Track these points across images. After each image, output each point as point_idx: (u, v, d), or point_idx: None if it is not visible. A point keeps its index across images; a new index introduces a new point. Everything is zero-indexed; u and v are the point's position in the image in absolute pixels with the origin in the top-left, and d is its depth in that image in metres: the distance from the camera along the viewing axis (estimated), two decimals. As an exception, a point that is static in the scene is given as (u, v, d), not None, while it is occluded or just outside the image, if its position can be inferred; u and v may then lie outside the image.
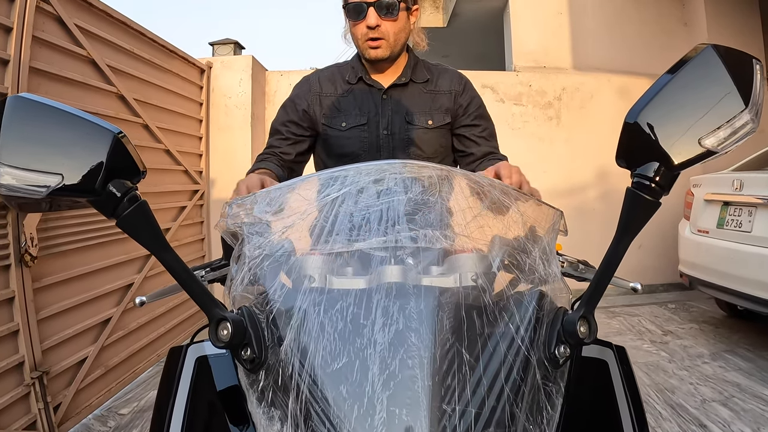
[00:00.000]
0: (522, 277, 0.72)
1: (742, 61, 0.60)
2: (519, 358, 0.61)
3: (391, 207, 0.71)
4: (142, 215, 0.60)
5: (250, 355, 0.63)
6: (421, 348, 0.57)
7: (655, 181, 0.60)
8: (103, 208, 0.58)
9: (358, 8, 1.46)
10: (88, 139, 0.56)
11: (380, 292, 0.62)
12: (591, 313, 0.66)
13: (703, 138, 0.58)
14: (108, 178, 0.57)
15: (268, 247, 0.71)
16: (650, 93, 0.59)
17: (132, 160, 0.59)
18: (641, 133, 0.59)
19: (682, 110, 0.58)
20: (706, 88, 0.58)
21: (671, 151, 0.58)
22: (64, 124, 0.56)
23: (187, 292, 0.64)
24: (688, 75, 0.58)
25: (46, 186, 0.55)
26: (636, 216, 0.62)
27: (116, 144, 0.57)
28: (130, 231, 0.59)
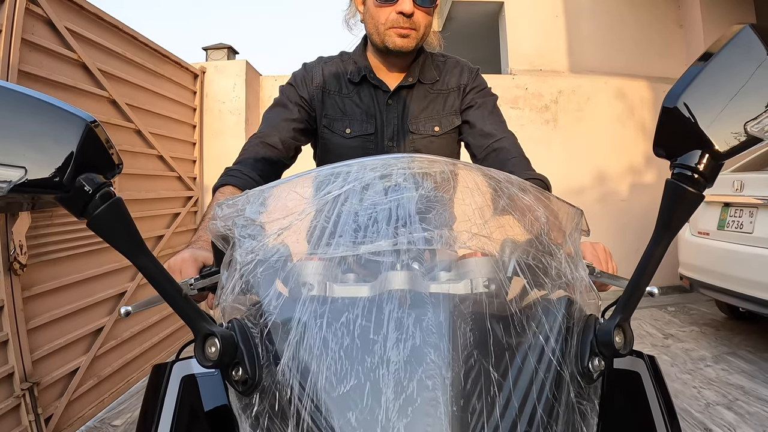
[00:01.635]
0: (548, 282, 0.65)
1: None
2: (551, 374, 0.54)
3: (401, 205, 0.63)
4: (117, 214, 0.52)
5: (242, 376, 0.56)
6: (442, 367, 0.50)
7: (698, 171, 0.53)
8: (71, 205, 0.51)
9: None
10: (56, 128, 0.49)
11: (392, 302, 0.55)
12: (627, 321, 0.60)
13: (749, 123, 0.52)
14: (78, 172, 0.49)
15: (261, 251, 0.64)
16: (689, 76, 0.54)
17: (106, 152, 0.52)
18: (682, 119, 0.52)
19: (724, 93, 0.52)
20: (748, 70, 0.52)
21: (715, 137, 0.52)
22: (28, 111, 0.49)
23: (168, 303, 0.56)
24: (727, 56, 0.53)
25: (7, 181, 0.48)
26: (678, 210, 0.55)
27: (88, 133, 0.50)
28: (102, 232, 0.52)
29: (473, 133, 1.45)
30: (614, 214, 5.60)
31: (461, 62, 1.55)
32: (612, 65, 5.99)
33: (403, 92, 1.47)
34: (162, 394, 0.70)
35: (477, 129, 1.45)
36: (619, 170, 5.70)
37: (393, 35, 1.34)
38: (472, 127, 1.46)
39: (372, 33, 1.40)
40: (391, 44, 1.35)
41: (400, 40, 1.34)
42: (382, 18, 1.34)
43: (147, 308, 0.75)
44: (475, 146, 1.45)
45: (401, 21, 1.32)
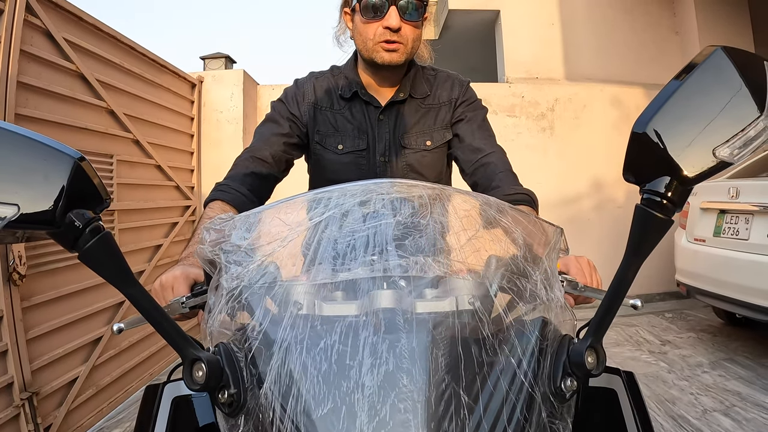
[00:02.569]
0: (523, 304, 0.66)
1: (753, 63, 0.56)
2: (522, 396, 0.56)
3: (379, 232, 0.65)
4: (106, 248, 0.54)
5: (227, 398, 0.58)
6: (414, 391, 0.52)
7: (667, 197, 0.54)
8: (63, 240, 0.53)
9: (378, 5, 1.30)
10: (45, 164, 0.51)
11: (368, 328, 0.57)
12: (599, 341, 0.61)
13: (717, 148, 0.53)
14: (68, 208, 0.52)
15: (246, 277, 0.65)
16: (659, 100, 0.54)
17: (94, 188, 0.54)
18: (651, 145, 0.53)
19: (694, 118, 0.53)
20: (718, 94, 0.54)
21: (683, 163, 0.53)
22: (17, 149, 0.50)
23: (157, 330, 0.59)
24: (698, 80, 0.54)
25: (1, 217, 0.50)
26: (647, 235, 0.56)
27: (77, 170, 0.52)
28: (92, 265, 0.54)
29: (462, 147, 1.46)
30: (611, 221, 5.62)
31: (452, 76, 1.56)
32: (608, 72, 6.02)
33: (394, 107, 1.47)
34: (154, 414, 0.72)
35: (466, 143, 1.46)
36: (616, 177, 5.70)
37: (381, 50, 1.34)
38: (461, 141, 1.47)
39: (361, 49, 1.40)
40: (379, 59, 1.35)
41: (388, 54, 1.34)
42: (369, 34, 1.34)
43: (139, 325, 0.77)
44: (463, 161, 1.46)
45: (388, 35, 1.31)
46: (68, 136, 2.84)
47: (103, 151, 3.18)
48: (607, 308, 0.61)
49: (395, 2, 1.29)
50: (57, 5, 2.81)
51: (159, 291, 0.90)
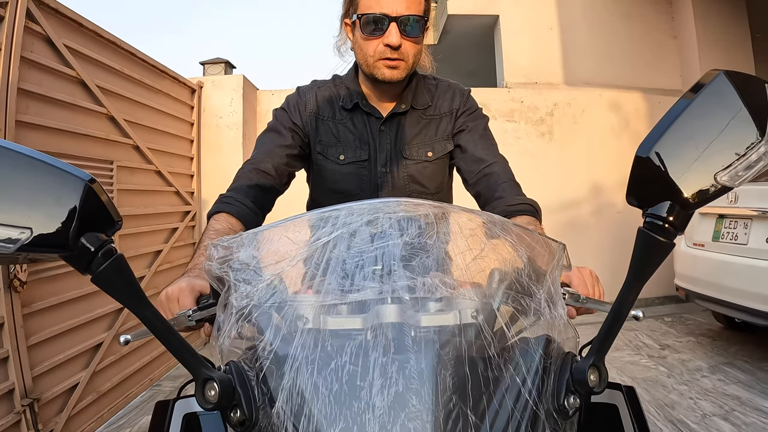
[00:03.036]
0: (527, 322, 0.68)
1: (754, 86, 0.56)
2: (527, 414, 0.57)
3: (386, 252, 0.66)
4: (119, 270, 0.54)
5: (239, 417, 0.59)
6: (423, 411, 0.53)
7: (668, 220, 0.56)
8: (76, 263, 0.53)
9: (378, 22, 1.28)
10: (57, 188, 0.50)
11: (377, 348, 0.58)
12: (602, 360, 0.63)
13: (718, 173, 0.54)
14: (81, 231, 0.52)
15: (256, 296, 0.66)
16: (662, 126, 0.55)
17: (106, 210, 0.54)
18: (653, 169, 0.54)
19: (696, 144, 0.54)
20: (720, 119, 0.54)
21: (685, 187, 0.54)
22: (29, 171, 0.50)
23: (168, 350, 0.59)
24: (700, 105, 0.55)
25: (15, 240, 0.50)
26: (650, 258, 0.57)
27: (88, 192, 0.52)
28: (105, 287, 0.54)
29: (465, 158, 1.46)
30: (610, 225, 5.63)
31: (453, 86, 1.55)
32: (606, 77, 6.05)
33: (395, 118, 1.47)
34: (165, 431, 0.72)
35: (468, 154, 1.46)
36: (615, 182, 5.72)
37: (382, 67, 1.33)
38: (463, 152, 1.47)
39: (362, 63, 1.39)
40: (380, 76, 1.35)
41: (389, 71, 1.34)
42: (370, 50, 1.33)
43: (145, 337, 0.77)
44: (466, 171, 1.46)
45: (389, 53, 1.31)
46: (69, 143, 2.85)
47: (104, 157, 3.19)
48: (610, 327, 0.62)
49: (395, 19, 1.28)
50: (57, 12, 2.81)
51: (165, 303, 0.89)
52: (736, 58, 6.01)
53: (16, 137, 2.42)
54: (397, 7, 1.27)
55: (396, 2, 1.27)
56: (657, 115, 5.86)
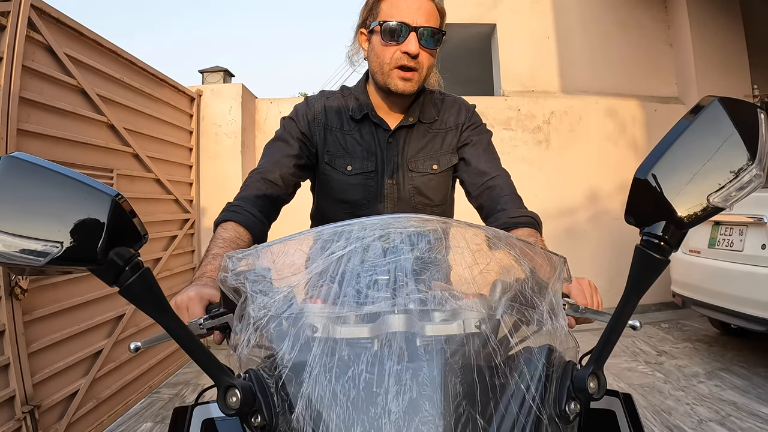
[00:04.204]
0: (530, 332, 0.71)
1: (746, 111, 0.60)
2: (531, 419, 0.60)
3: (399, 266, 0.69)
4: (146, 283, 0.57)
5: (260, 422, 0.61)
6: (435, 416, 0.56)
7: (664, 239, 0.59)
8: (104, 276, 0.55)
9: (398, 29, 1.32)
10: (86, 203, 0.52)
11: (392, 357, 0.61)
12: (600, 368, 0.66)
13: (711, 195, 0.58)
14: (109, 246, 0.54)
15: (273, 307, 0.69)
16: (659, 150, 0.59)
17: (132, 225, 0.56)
18: (650, 190, 0.58)
19: (691, 167, 0.58)
20: (714, 144, 0.58)
21: (680, 208, 0.58)
22: (59, 187, 0.52)
23: (192, 359, 0.62)
24: (695, 131, 0.58)
25: (45, 254, 0.52)
26: (646, 274, 0.61)
27: (115, 208, 0.54)
28: (133, 299, 0.57)
29: (468, 171, 1.49)
30: (607, 232, 5.66)
31: (458, 101, 1.59)
32: (603, 85, 6.09)
33: (403, 131, 1.49)
34: None
35: (472, 167, 1.48)
36: (612, 189, 5.76)
37: (396, 77, 1.37)
38: (467, 165, 1.50)
39: (376, 72, 1.42)
40: (393, 86, 1.38)
41: (402, 83, 1.37)
42: (387, 57, 1.36)
43: (156, 344, 0.80)
44: (469, 183, 1.49)
45: (406, 60, 1.34)
46: (69, 151, 2.86)
47: (104, 165, 3.20)
48: (608, 338, 0.66)
49: (415, 29, 1.32)
50: (58, 21, 2.83)
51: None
52: (732, 66, 6.06)
53: (18, 146, 2.44)
54: (417, 18, 1.32)
55: (416, 13, 1.32)
56: (653, 123, 5.91)
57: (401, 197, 1.49)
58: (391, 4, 1.35)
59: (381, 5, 1.37)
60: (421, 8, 1.33)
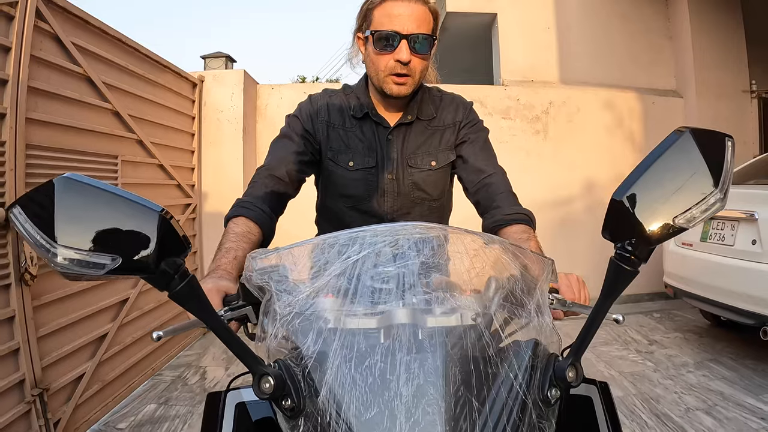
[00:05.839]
0: (518, 328, 0.80)
1: (715, 140, 0.67)
2: (518, 402, 0.69)
3: (407, 271, 0.79)
4: (192, 288, 0.65)
5: (290, 405, 0.70)
6: (438, 399, 0.65)
7: (634, 254, 0.68)
8: (156, 283, 0.62)
9: (391, 38, 1.37)
10: (137, 219, 0.60)
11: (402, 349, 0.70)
12: (578, 360, 0.75)
13: (677, 217, 0.65)
14: (160, 257, 0.61)
15: (297, 305, 0.77)
16: (634, 175, 0.66)
17: (178, 236, 0.62)
18: (624, 211, 0.65)
19: (661, 191, 0.65)
20: (683, 171, 0.65)
21: (649, 227, 0.65)
22: (111, 205, 0.58)
23: (230, 350, 0.69)
24: (667, 159, 0.65)
25: (104, 265, 0.58)
26: (617, 282, 0.70)
27: (162, 222, 0.61)
28: (181, 302, 0.64)
29: (466, 168, 1.56)
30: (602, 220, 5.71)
31: (456, 98, 1.64)
32: (602, 77, 6.12)
33: (402, 128, 1.55)
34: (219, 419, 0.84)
35: (470, 164, 1.55)
36: (607, 179, 5.82)
37: (390, 82, 1.43)
38: (465, 162, 1.56)
39: (372, 77, 1.48)
40: (388, 90, 1.44)
41: (396, 87, 1.43)
42: (381, 65, 1.42)
43: (176, 334, 0.87)
44: (467, 180, 1.56)
45: (398, 68, 1.39)
46: (75, 139, 2.91)
47: (109, 152, 3.25)
48: (585, 335, 0.75)
49: (406, 37, 1.36)
50: (65, 10, 2.86)
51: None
52: (731, 59, 6.10)
53: (27, 135, 2.49)
54: (407, 26, 1.36)
55: (407, 21, 1.36)
56: (650, 115, 5.97)
57: (401, 192, 1.55)
58: (383, 12, 1.39)
59: (374, 13, 1.41)
60: (412, 15, 1.37)
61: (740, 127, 6.06)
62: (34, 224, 0.58)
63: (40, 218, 0.58)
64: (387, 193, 1.55)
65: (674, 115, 6.08)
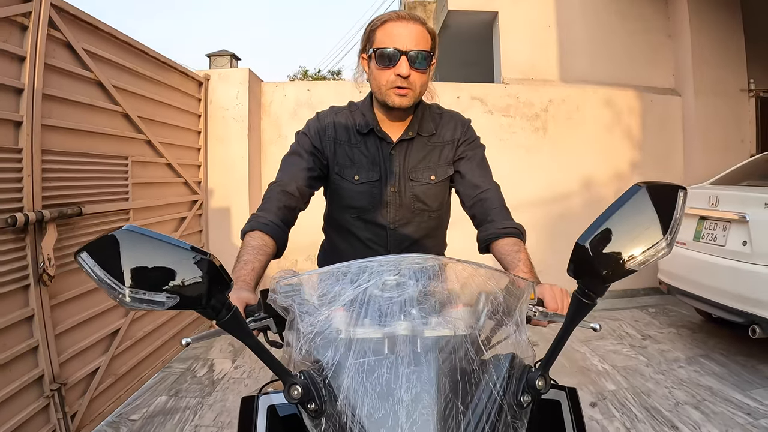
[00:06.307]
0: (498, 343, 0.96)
1: (668, 193, 0.78)
2: (496, 405, 0.83)
3: (408, 297, 0.94)
4: (237, 318, 0.80)
5: (314, 407, 0.83)
6: (431, 403, 0.79)
7: (592, 290, 0.81)
8: (207, 315, 0.77)
9: (391, 55, 1.49)
10: (189, 263, 0.71)
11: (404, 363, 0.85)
12: (547, 371, 0.89)
13: (628, 262, 0.77)
14: (210, 294, 0.74)
15: (318, 325, 0.93)
16: (596, 224, 0.77)
17: (222, 276, 0.75)
18: (585, 254, 0.77)
19: (616, 239, 0.76)
20: (636, 223, 0.76)
21: (604, 270, 0.77)
22: (168, 252, 0.71)
23: (266, 365, 0.84)
24: (624, 211, 0.76)
25: (164, 302, 0.71)
26: (578, 313, 0.84)
27: (210, 265, 0.73)
28: (227, 330, 0.80)
29: (463, 183, 1.68)
30: (600, 217, 5.80)
31: (455, 116, 1.76)
32: (601, 75, 6.19)
33: (404, 144, 1.66)
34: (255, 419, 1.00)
35: (467, 180, 1.67)
36: (605, 176, 5.92)
37: (392, 95, 1.54)
38: (462, 177, 1.68)
39: (375, 91, 1.60)
40: (390, 102, 1.55)
41: (398, 98, 1.54)
42: (383, 80, 1.53)
43: (203, 341, 1.01)
44: (464, 194, 1.68)
45: (399, 81, 1.51)
46: (87, 142, 3.02)
47: (119, 153, 3.35)
48: (553, 350, 0.89)
49: (406, 53, 1.48)
50: (76, 17, 2.94)
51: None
52: (730, 57, 6.15)
53: (42, 141, 2.58)
54: (407, 44, 1.49)
55: (406, 39, 1.49)
56: (649, 113, 6.04)
57: (402, 203, 1.66)
58: (385, 32, 1.52)
59: (376, 33, 1.54)
60: (411, 34, 1.49)
61: (737, 125, 6.13)
62: (102, 268, 0.69)
63: (106, 264, 0.69)
64: (390, 205, 1.66)
65: (672, 113, 6.15)
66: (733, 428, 2.92)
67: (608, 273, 0.78)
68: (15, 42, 2.48)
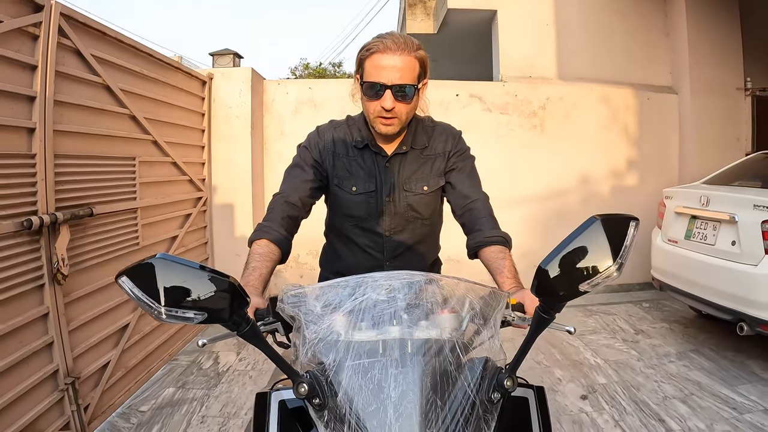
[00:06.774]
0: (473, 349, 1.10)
1: (620, 224, 0.91)
2: (470, 402, 0.96)
3: (398, 308, 1.07)
4: (255, 331, 0.94)
5: (318, 402, 0.97)
6: (415, 400, 0.92)
7: (551, 307, 0.96)
8: (230, 328, 0.92)
9: (375, 88, 1.56)
10: (214, 285, 0.85)
11: (393, 366, 0.98)
12: (515, 373, 1.02)
13: (581, 284, 0.90)
14: (232, 310, 0.88)
15: (321, 332, 1.06)
16: (557, 250, 0.90)
17: (241, 295, 0.88)
18: (546, 277, 0.90)
19: (572, 264, 0.89)
20: (590, 250, 0.89)
21: (562, 290, 0.91)
22: (195, 275, 0.84)
23: (278, 368, 0.99)
24: (580, 240, 0.89)
25: (194, 318, 0.85)
26: (538, 326, 1.00)
27: (230, 286, 0.86)
28: (247, 340, 0.94)
29: (454, 193, 1.79)
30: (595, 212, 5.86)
31: (447, 129, 1.85)
32: (599, 73, 6.26)
33: (398, 157, 1.76)
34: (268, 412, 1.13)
35: (457, 190, 1.78)
36: (602, 173, 6.02)
37: (379, 123, 1.63)
38: (453, 188, 1.79)
39: (366, 116, 1.71)
40: (378, 129, 1.66)
41: (384, 127, 1.64)
42: (370, 109, 1.63)
43: (218, 341, 1.15)
44: (454, 204, 1.79)
45: (384, 113, 1.59)
46: (96, 144, 3.12)
47: (127, 154, 3.46)
48: (519, 356, 1.04)
49: (390, 87, 1.55)
50: (84, 24, 3.02)
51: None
52: (726, 55, 6.21)
53: (55, 146, 2.69)
54: (392, 77, 1.55)
55: (391, 73, 1.55)
56: (645, 111, 6.13)
57: (397, 212, 1.77)
58: (372, 63, 1.57)
59: (365, 63, 1.61)
60: (396, 67, 1.54)
61: (733, 123, 6.21)
62: (140, 290, 0.83)
63: (144, 285, 0.82)
64: (385, 213, 1.77)
65: (669, 111, 6.22)
66: (718, 422, 3.03)
67: (565, 294, 0.92)
68: (27, 51, 2.56)
